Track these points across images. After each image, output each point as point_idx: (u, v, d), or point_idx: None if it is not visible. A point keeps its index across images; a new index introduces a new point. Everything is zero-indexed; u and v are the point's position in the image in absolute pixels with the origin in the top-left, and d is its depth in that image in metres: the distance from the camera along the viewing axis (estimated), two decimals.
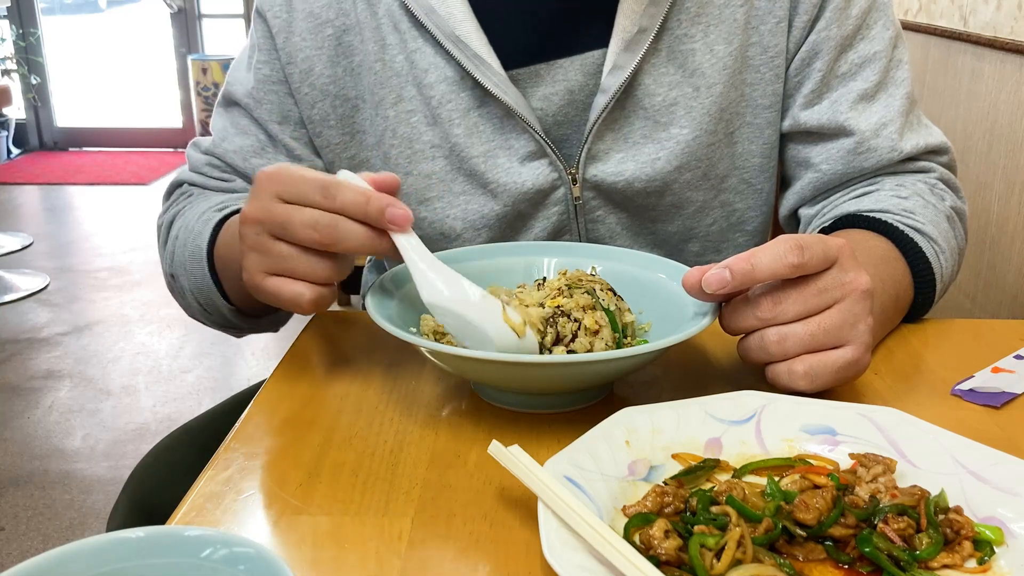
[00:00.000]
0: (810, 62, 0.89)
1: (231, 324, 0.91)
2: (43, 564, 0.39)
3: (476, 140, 0.88)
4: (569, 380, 0.65)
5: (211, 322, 0.93)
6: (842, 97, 0.89)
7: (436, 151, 0.89)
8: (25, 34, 5.56)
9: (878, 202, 0.87)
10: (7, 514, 2.13)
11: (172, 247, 0.90)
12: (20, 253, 3.93)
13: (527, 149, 0.88)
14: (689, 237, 0.94)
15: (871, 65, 0.89)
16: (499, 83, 0.85)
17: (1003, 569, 0.49)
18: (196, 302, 0.90)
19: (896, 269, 0.79)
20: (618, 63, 0.85)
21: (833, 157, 0.90)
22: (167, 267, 0.92)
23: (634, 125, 0.88)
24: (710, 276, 0.62)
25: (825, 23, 0.88)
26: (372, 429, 0.65)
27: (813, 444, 0.59)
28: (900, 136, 0.89)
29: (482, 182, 0.89)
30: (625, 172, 0.88)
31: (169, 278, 0.93)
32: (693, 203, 0.92)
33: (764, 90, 0.90)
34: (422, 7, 0.85)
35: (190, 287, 0.88)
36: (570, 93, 0.88)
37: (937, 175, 0.92)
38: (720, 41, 0.87)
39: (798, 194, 0.94)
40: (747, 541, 0.48)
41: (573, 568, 0.45)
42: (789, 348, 0.63)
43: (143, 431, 2.50)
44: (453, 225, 0.91)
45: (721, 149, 0.90)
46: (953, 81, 1.79)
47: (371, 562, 0.51)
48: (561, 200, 0.90)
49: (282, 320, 0.95)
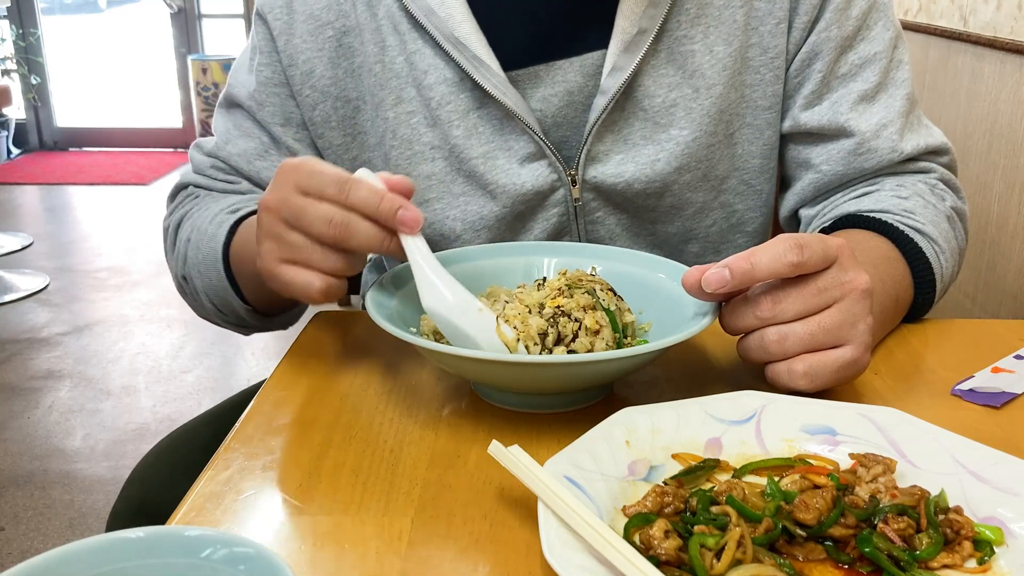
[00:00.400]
0: (810, 63, 0.89)
1: (245, 323, 0.91)
2: (43, 564, 0.39)
3: (475, 142, 0.88)
4: (569, 380, 0.65)
5: (224, 322, 0.93)
6: (842, 98, 0.89)
7: (436, 152, 0.89)
8: (25, 34, 5.55)
9: (878, 202, 0.87)
10: (7, 514, 2.13)
11: (183, 249, 0.90)
12: (20, 253, 3.93)
13: (526, 151, 0.88)
14: (689, 238, 0.94)
15: (871, 66, 0.89)
16: (498, 84, 0.85)
17: (1003, 569, 0.49)
18: (210, 303, 0.90)
19: (896, 269, 0.79)
20: (618, 64, 0.85)
21: (833, 158, 0.90)
22: (178, 269, 0.92)
23: (634, 126, 0.88)
24: (709, 275, 0.62)
25: (825, 24, 0.88)
26: (372, 429, 0.65)
27: (813, 444, 0.59)
28: (900, 137, 0.89)
29: (481, 183, 0.89)
30: (625, 173, 0.88)
31: (180, 280, 0.93)
32: (693, 204, 0.92)
33: (764, 91, 0.90)
34: (421, 8, 0.86)
35: (204, 289, 0.89)
36: (569, 95, 0.88)
37: (937, 175, 0.92)
38: (720, 42, 0.87)
39: (798, 195, 0.94)
40: (747, 541, 0.48)
41: (573, 568, 0.45)
42: (789, 347, 0.63)
43: (143, 431, 2.50)
44: (453, 226, 0.91)
45: (721, 150, 0.90)
46: (953, 81, 1.79)
47: (371, 562, 0.51)
48: (561, 202, 0.90)
49: (294, 318, 0.96)
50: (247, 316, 0.88)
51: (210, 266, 0.86)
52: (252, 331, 0.95)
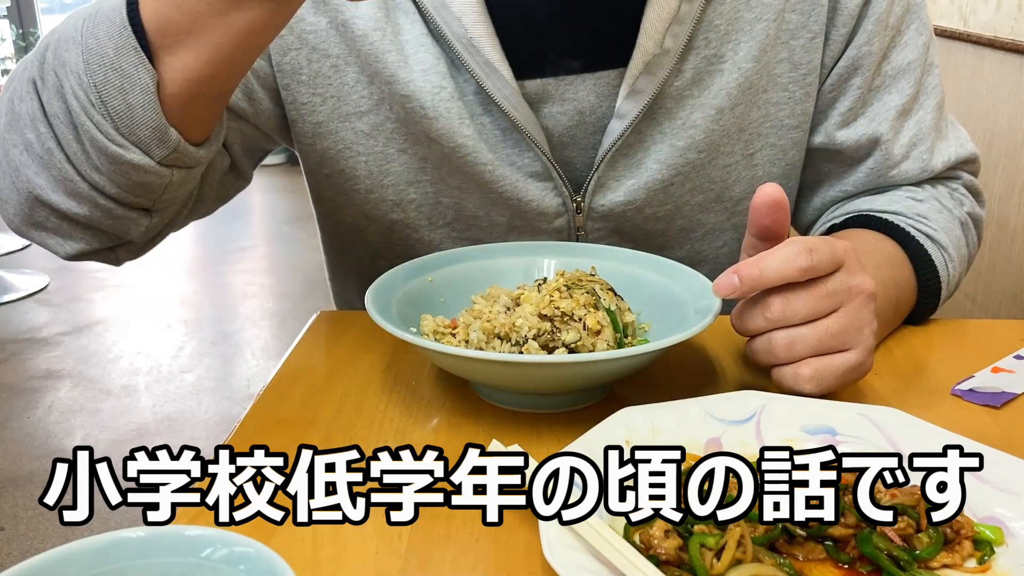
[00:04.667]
0: (848, 78, 0.84)
1: (142, 172, 0.64)
2: (43, 564, 0.39)
3: (484, 146, 0.82)
4: (569, 380, 0.65)
5: (90, 191, 0.66)
6: (879, 115, 0.85)
7: (433, 144, 0.82)
8: (25, 34, 5.55)
9: (892, 202, 0.85)
10: (7, 514, 2.13)
11: (40, 55, 0.66)
12: (20, 253, 3.93)
13: (531, 169, 0.83)
14: (698, 261, 0.90)
15: (906, 76, 0.85)
16: (509, 96, 0.79)
17: (1003, 569, 0.49)
18: (87, 119, 0.61)
19: (900, 274, 0.79)
20: (637, 87, 0.79)
21: (861, 181, 0.87)
22: (24, 80, 0.66)
23: (649, 151, 0.83)
24: (719, 281, 0.63)
25: (866, 37, 0.82)
26: (372, 429, 0.65)
27: (813, 444, 0.59)
28: (932, 155, 0.86)
29: (484, 190, 0.84)
30: (636, 200, 0.84)
31: (18, 94, 0.66)
32: (704, 226, 0.88)
33: (792, 110, 0.85)
34: (432, 1, 0.78)
35: (76, 87, 0.61)
36: (580, 114, 0.82)
37: (962, 181, 0.90)
38: (749, 59, 0.81)
39: (817, 211, 0.92)
40: (747, 541, 0.48)
41: (573, 568, 0.45)
42: (796, 352, 0.63)
43: (143, 431, 2.50)
44: (444, 212, 0.87)
45: (738, 171, 0.86)
46: (953, 81, 1.79)
47: (371, 562, 0.51)
48: (563, 228, 0.86)
49: (205, 157, 0.69)
50: (156, 136, 0.62)
51: (105, 34, 0.60)
52: (128, 222, 0.70)
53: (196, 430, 2.52)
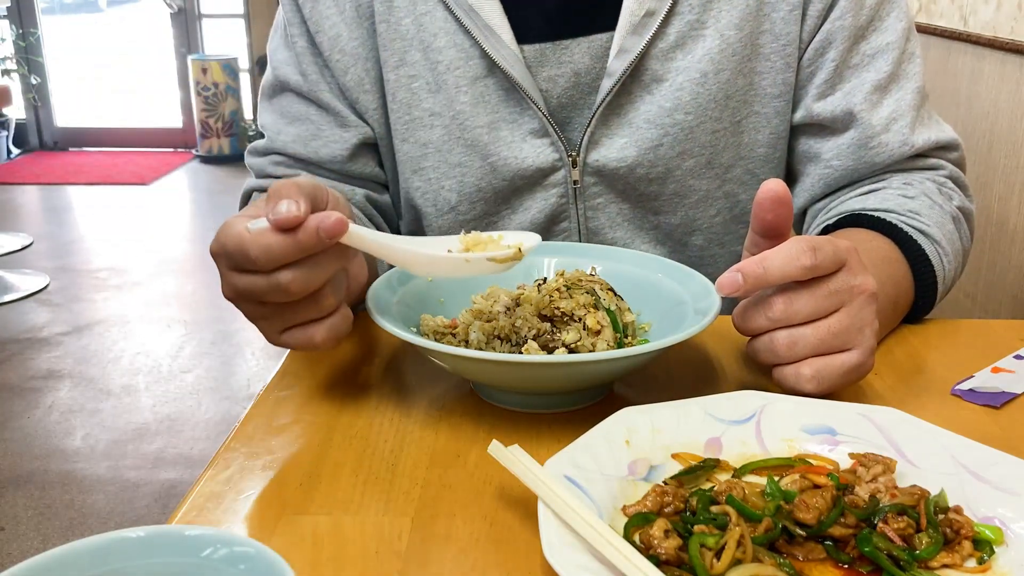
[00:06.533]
0: (823, 51, 0.88)
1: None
2: (43, 564, 0.39)
3: (482, 110, 0.87)
4: (569, 380, 0.65)
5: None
6: (855, 88, 0.88)
7: (435, 119, 0.89)
8: (25, 34, 5.56)
9: (884, 201, 0.86)
10: (7, 514, 2.13)
11: None
12: (20, 253, 3.93)
13: (530, 127, 0.87)
14: (692, 229, 0.93)
15: (884, 56, 0.88)
16: (507, 57, 0.85)
17: (1003, 569, 0.49)
18: None
19: (897, 271, 0.79)
20: (624, 46, 0.85)
21: (843, 152, 0.89)
22: None
23: (639, 110, 0.87)
24: (723, 279, 0.63)
25: (840, 12, 0.87)
26: (372, 429, 0.65)
27: (813, 444, 0.59)
28: (911, 130, 0.88)
29: (483, 153, 0.88)
30: (627, 158, 0.88)
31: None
32: (696, 192, 0.91)
33: (774, 79, 0.89)
34: None
35: None
36: (576, 75, 0.87)
37: (947, 173, 0.91)
38: (731, 27, 0.86)
39: (807, 192, 0.93)
40: (747, 541, 0.48)
41: (573, 568, 0.45)
42: (798, 351, 0.63)
43: (143, 431, 2.50)
44: (448, 196, 0.91)
45: (726, 137, 0.89)
46: (953, 81, 1.79)
47: (371, 562, 0.51)
48: (560, 183, 0.90)
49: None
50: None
51: None
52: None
53: (196, 430, 2.52)
